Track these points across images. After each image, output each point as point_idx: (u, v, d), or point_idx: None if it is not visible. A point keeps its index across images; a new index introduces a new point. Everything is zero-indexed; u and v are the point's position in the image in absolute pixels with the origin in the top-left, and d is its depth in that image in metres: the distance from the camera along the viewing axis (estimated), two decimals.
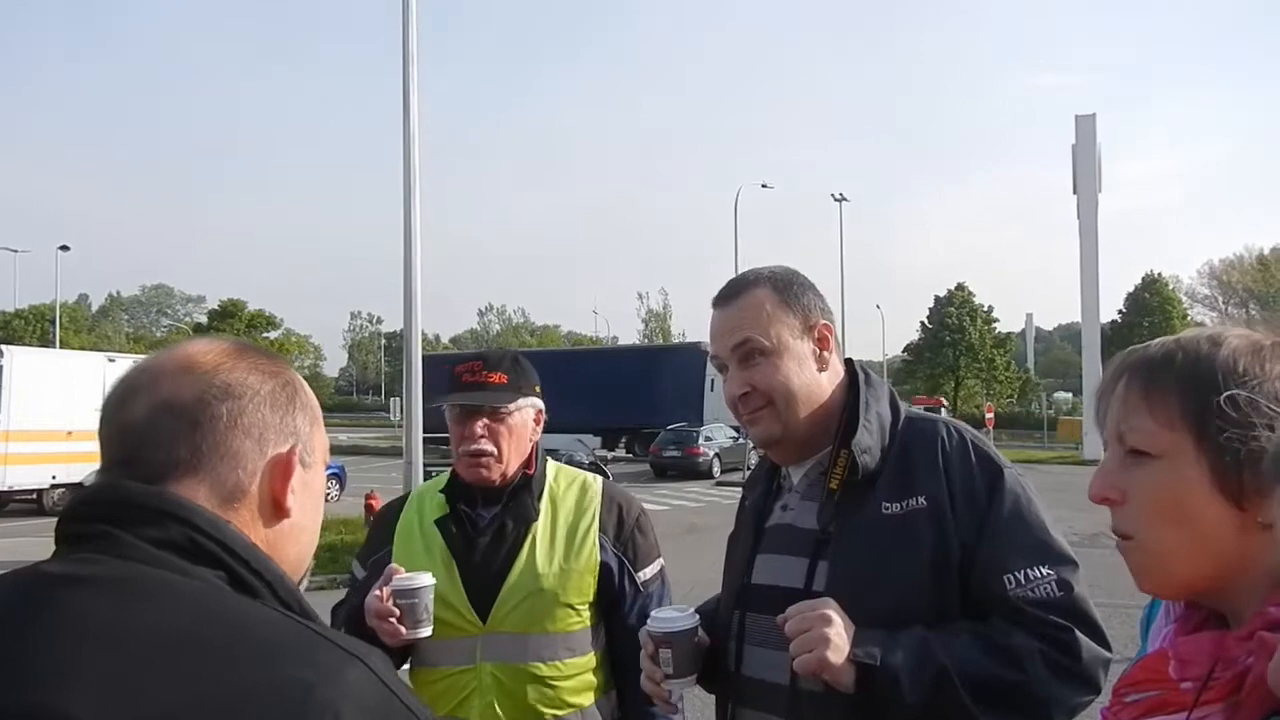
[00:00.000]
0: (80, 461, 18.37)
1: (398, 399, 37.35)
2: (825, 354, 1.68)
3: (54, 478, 18.62)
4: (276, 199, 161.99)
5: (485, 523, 2.11)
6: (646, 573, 2.19)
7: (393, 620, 1.84)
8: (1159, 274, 66.58)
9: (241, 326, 68.05)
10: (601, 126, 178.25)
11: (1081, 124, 39.03)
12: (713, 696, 1.76)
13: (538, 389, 2.20)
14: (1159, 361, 1.03)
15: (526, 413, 2.17)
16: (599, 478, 2.28)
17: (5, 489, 18.05)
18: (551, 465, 2.25)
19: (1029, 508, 1.57)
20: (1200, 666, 0.94)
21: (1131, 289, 65.69)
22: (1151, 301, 63.23)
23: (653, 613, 1.68)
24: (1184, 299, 68.86)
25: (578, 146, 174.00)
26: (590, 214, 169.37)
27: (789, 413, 1.64)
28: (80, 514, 0.91)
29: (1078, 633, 1.47)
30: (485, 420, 2.10)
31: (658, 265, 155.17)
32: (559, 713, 2.04)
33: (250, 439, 0.95)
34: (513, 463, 2.13)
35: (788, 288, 1.68)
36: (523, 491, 2.14)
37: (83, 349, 35.95)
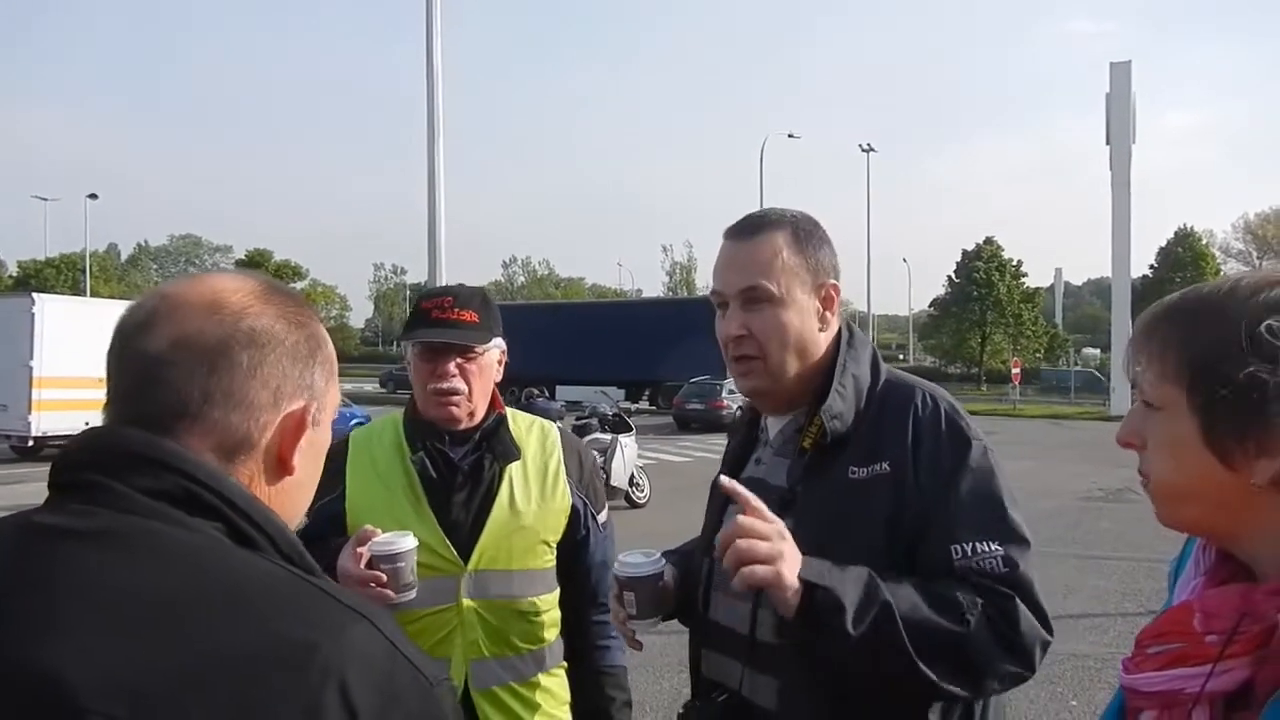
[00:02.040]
0: (93, 409, 18.71)
1: None
2: (828, 314, 1.65)
3: (86, 424, 18.41)
4: (304, 151, 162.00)
5: (459, 460, 2.08)
6: (602, 516, 2.26)
7: (376, 585, 1.78)
8: (1192, 228, 65.54)
9: (269, 275, 68.42)
10: (629, 78, 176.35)
11: (1116, 72, 38.11)
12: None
13: (499, 330, 2.15)
14: (1168, 313, 1.03)
15: (494, 353, 2.13)
16: (553, 424, 2.30)
17: (39, 435, 18.34)
18: (508, 410, 2.21)
19: (990, 483, 1.53)
20: (1226, 620, 0.93)
21: (1164, 243, 64.72)
22: (1184, 256, 62.32)
23: (620, 557, 1.73)
24: (1218, 254, 67.89)
25: (604, 98, 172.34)
26: (616, 166, 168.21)
27: (781, 367, 1.61)
28: (74, 461, 0.87)
29: (1018, 601, 1.44)
30: (457, 359, 2.06)
31: (683, 218, 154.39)
32: (534, 646, 2.08)
33: (267, 390, 0.91)
34: (479, 403, 2.11)
35: (808, 238, 1.64)
36: (500, 430, 2.13)
37: (112, 298, 36.28)
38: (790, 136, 49.03)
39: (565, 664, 2.18)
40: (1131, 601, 8.02)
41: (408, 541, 1.82)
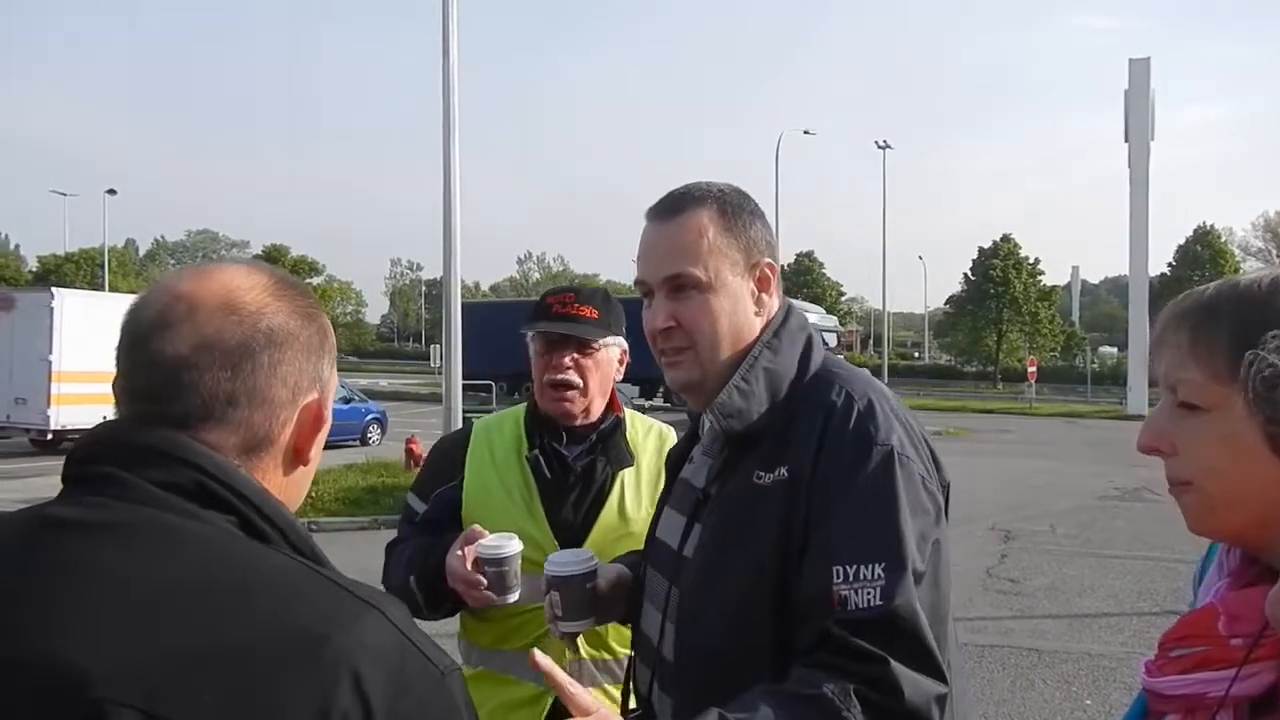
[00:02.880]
0: (111, 402, 18.81)
1: (438, 346, 37.65)
2: (764, 296, 1.50)
3: (104, 418, 18.83)
4: (320, 147, 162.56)
5: (573, 460, 2.08)
6: None
7: (480, 589, 1.79)
8: (1211, 225, 65.02)
9: (285, 271, 68.69)
10: (646, 73, 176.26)
11: (1135, 68, 37.84)
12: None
13: (622, 329, 2.15)
14: (1208, 307, 0.98)
15: (613, 351, 2.13)
16: (671, 429, 2.24)
17: (58, 428, 18.49)
18: (627, 412, 2.22)
19: (887, 496, 1.32)
20: (1251, 623, 0.91)
21: (1182, 241, 64.25)
22: (1203, 254, 61.85)
23: (549, 557, 1.69)
24: (1237, 251, 67.28)
25: (620, 94, 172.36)
26: (632, 162, 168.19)
27: (711, 358, 1.46)
28: (88, 455, 0.88)
29: (892, 666, 1.22)
30: (574, 353, 2.06)
31: None
32: (630, 651, 2.06)
33: (286, 388, 0.93)
34: (596, 400, 2.11)
35: (736, 214, 1.48)
36: (615, 434, 2.13)
37: (131, 293, 36.49)
38: (806, 133, 48.73)
39: None
40: (1147, 601, 7.97)
41: (513, 546, 1.81)
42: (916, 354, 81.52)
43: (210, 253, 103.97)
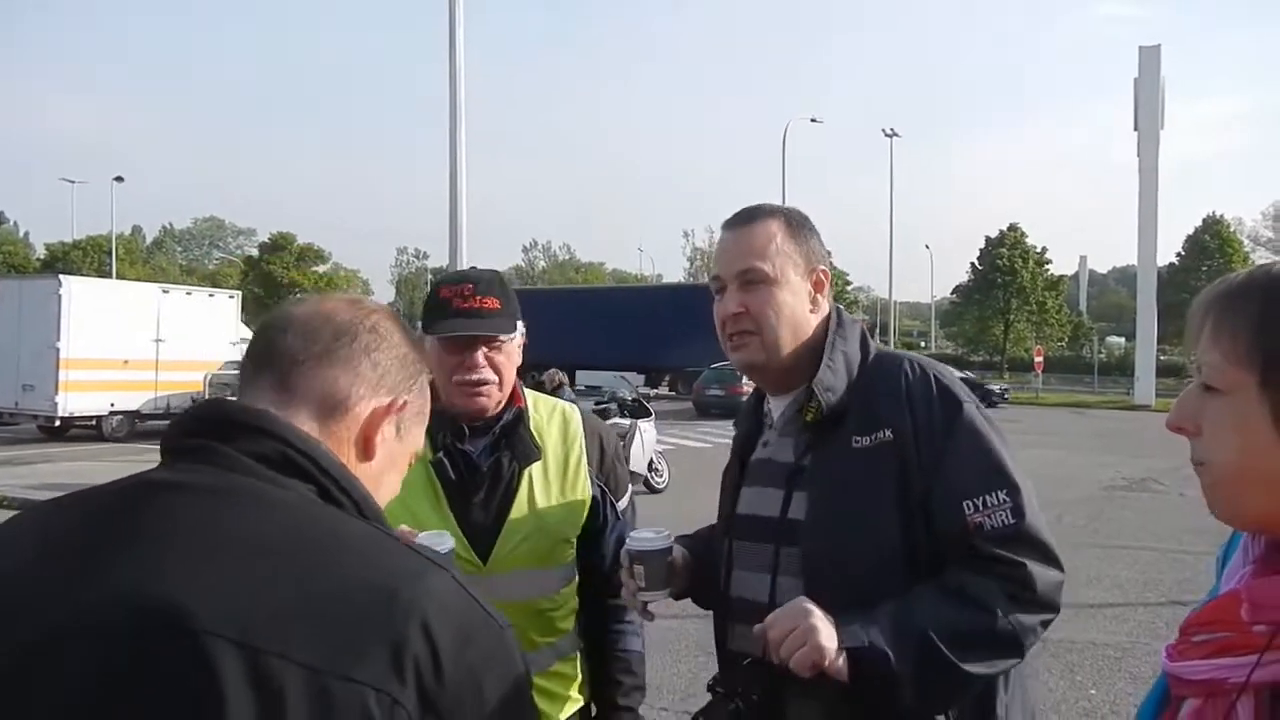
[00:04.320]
0: (137, 389, 18.80)
1: None
2: (819, 297, 1.77)
3: (112, 405, 19.12)
4: (326, 135, 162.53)
5: (477, 458, 2.02)
6: (623, 502, 2.21)
7: None
8: (1220, 215, 64.67)
9: (291, 260, 68.73)
10: (648, 61, 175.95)
11: (1145, 56, 37.68)
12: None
13: (519, 312, 2.09)
14: (1238, 291, 0.99)
15: (517, 339, 2.07)
16: (575, 408, 2.23)
17: (66, 415, 18.58)
18: (528, 394, 2.15)
19: (985, 438, 1.64)
20: (1275, 611, 0.91)
21: (1191, 231, 63.97)
22: (1211, 244, 61.42)
23: (630, 534, 1.83)
24: (1246, 242, 66.93)
25: (626, 82, 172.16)
26: (637, 151, 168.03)
27: (774, 342, 1.71)
28: (185, 429, 0.99)
29: (1029, 566, 1.55)
30: (484, 349, 1.99)
31: (705, 203, 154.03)
32: (551, 640, 2.07)
33: (373, 372, 1.05)
34: (505, 392, 2.05)
35: (799, 227, 1.77)
36: (518, 426, 2.06)
37: (138, 280, 36.62)
38: (813, 121, 48.79)
39: (582, 645, 2.17)
40: (1153, 591, 7.97)
41: (446, 543, 1.80)
42: (923, 343, 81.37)
43: (216, 240, 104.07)
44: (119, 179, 51.28)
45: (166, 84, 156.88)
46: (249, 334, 24.05)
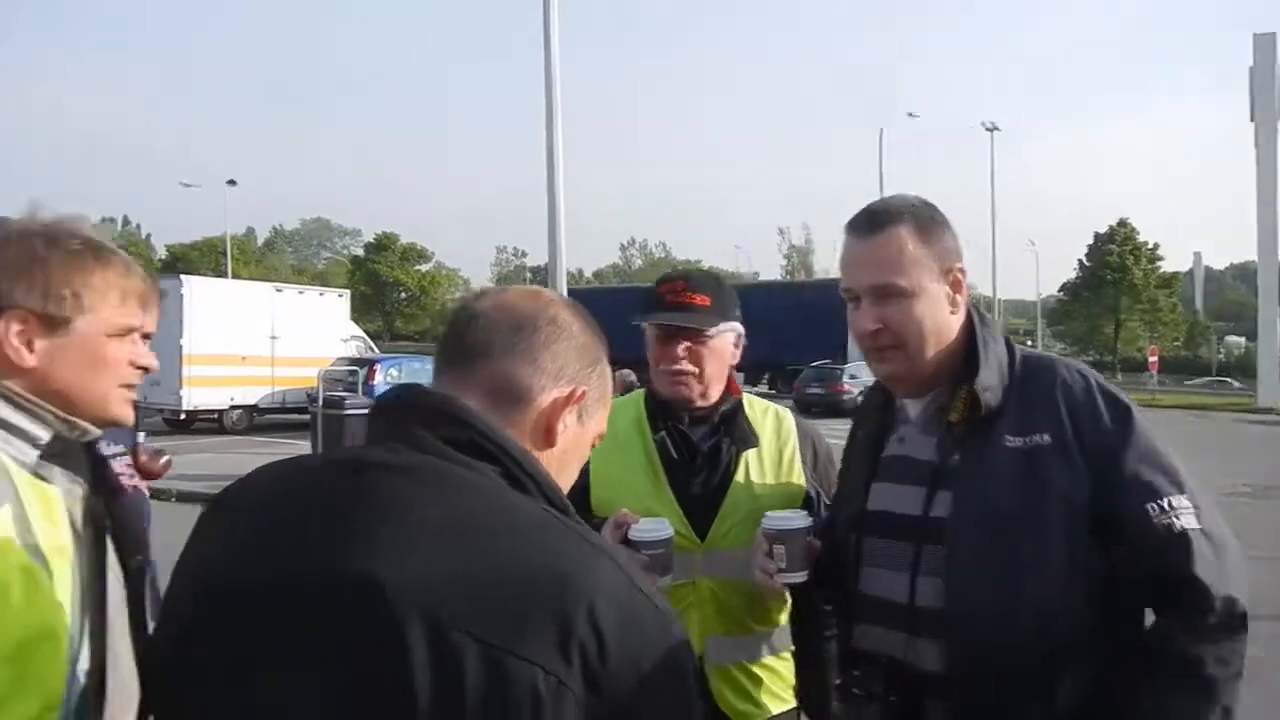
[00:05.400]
0: (254, 384, 19.49)
1: None
2: (957, 296, 1.70)
3: (232, 399, 19.91)
4: (428, 135, 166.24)
5: (698, 440, 2.13)
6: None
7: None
8: None
9: (395, 259, 70.43)
10: (745, 58, 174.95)
11: (1259, 44, 35.83)
12: None
13: (737, 313, 2.19)
14: None
15: (727, 337, 2.16)
16: (787, 410, 2.29)
17: (190, 409, 19.37)
18: (744, 394, 2.25)
19: (1151, 440, 1.61)
20: None
21: None
22: None
23: (767, 514, 1.82)
24: None
25: (722, 77, 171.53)
26: (733, 148, 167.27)
27: (918, 354, 1.67)
28: (388, 413, 1.07)
29: (1214, 598, 1.50)
30: (687, 343, 2.10)
31: (800, 200, 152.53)
32: (764, 627, 2.12)
33: (554, 363, 1.09)
34: (713, 385, 2.14)
35: (929, 227, 1.68)
36: (738, 415, 2.17)
37: (252, 279, 37.98)
38: (910, 116, 47.79)
39: (793, 648, 2.20)
40: None
41: (666, 530, 1.86)
42: (1029, 342, 78.95)
43: (324, 240, 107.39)
44: (232, 183, 53.26)
45: (274, 90, 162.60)
46: (358, 331, 24.82)
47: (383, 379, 19.79)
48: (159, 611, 1.14)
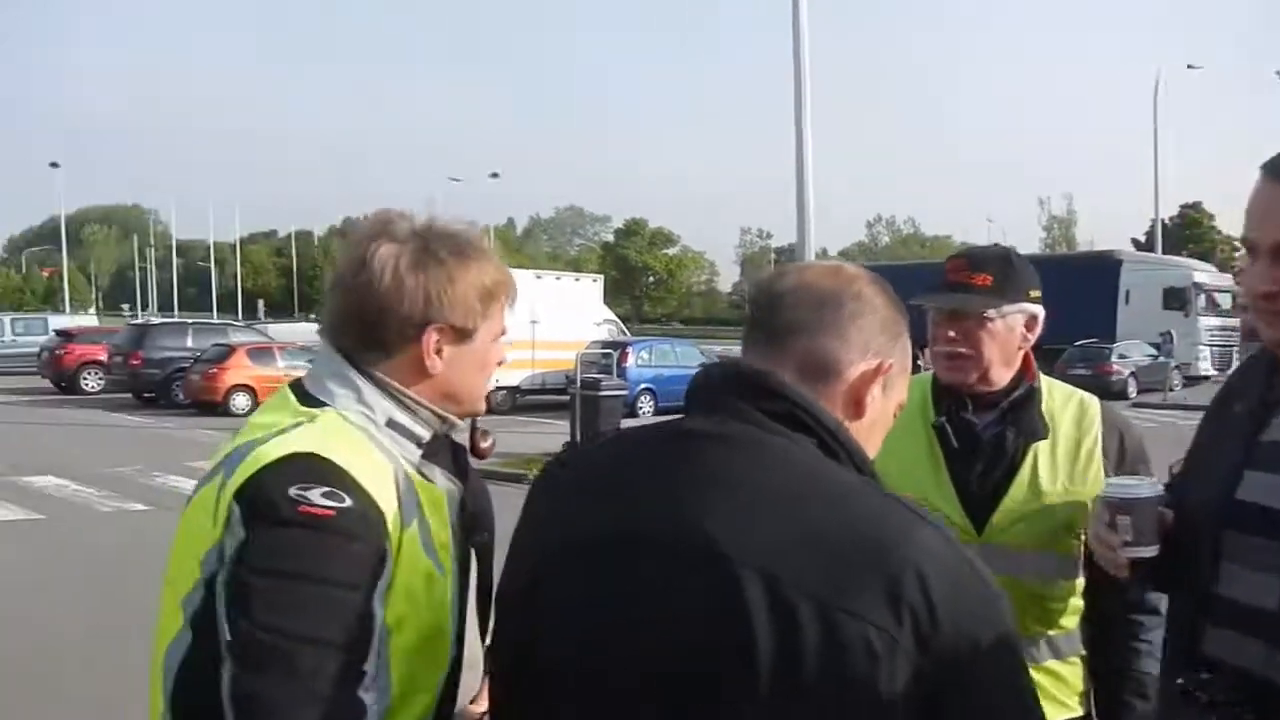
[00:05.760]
0: (517, 368, 20.65)
1: None
2: None
3: (497, 382, 21.22)
4: (671, 121, 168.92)
5: (981, 430, 2.01)
6: None
7: (1117, 546, 1.58)
8: None
9: (644, 243, 72.16)
10: (995, 15, 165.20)
11: None
12: None
13: (1031, 293, 2.03)
14: None
15: (1013, 319, 2.00)
16: (1095, 398, 2.12)
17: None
18: (1043, 379, 2.09)
19: None
20: None
21: None
22: None
23: (1108, 480, 1.67)
24: None
25: (969, 39, 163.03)
26: (985, 114, 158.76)
27: None
28: (710, 385, 1.13)
29: None
30: (963, 324, 1.98)
31: (1061, 167, 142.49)
32: (1048, 631, 2.01)
33: (859, 337, 1.12)
34: (996, 369, 2.01)
35: None
36: (1027, 403, 2.02)
37: (512, 268, 40.13)
38: (1190, 68, 43.31)
39: (1083, 653, 2.07)
40: None
41: (1150, 487, 1.62)
42: None
43: (577, 228, 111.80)
44: (494, 175, 56.63)
45: (527, 85, 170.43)
46: (611, 315, 25.73)
47: (634, 361, 20.49)
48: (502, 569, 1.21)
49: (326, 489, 1.16)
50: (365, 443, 1.25)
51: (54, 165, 57.13)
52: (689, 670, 0.96)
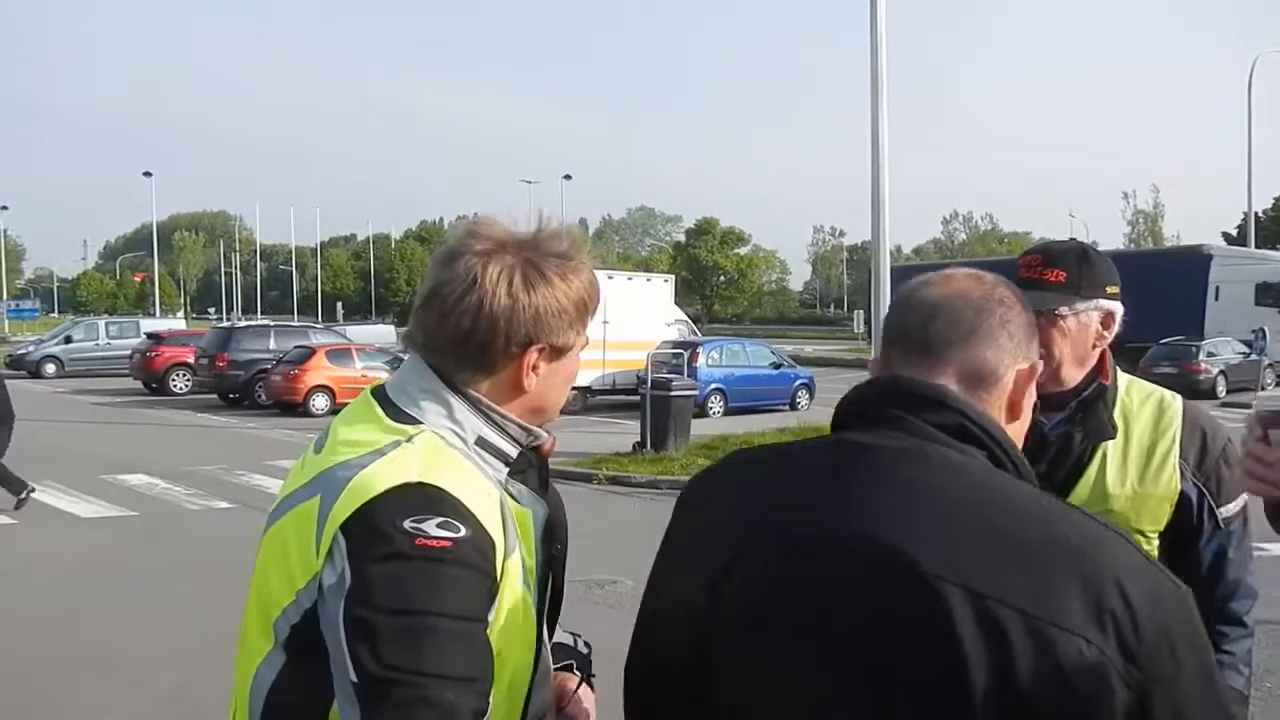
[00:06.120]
0: (588, 368, 20.68)
1: (861, 311, 37.57)
2: None
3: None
4: (744, 118, 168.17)
5: (1049, 430, 1.95)
6: (1229, 509, 1.95)
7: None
8: None
9: (715, 243, 71.93)
10: (1075, 20, 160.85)
11: None
12: None
13: (1109, 289, 1.97)
14: None
15: (1088, 316, 1.95)
16: (1178, 397, 2.06)
17: None
18: (1123, 378, 2.04)
19: None
20: None
21: None
22: None
23: (1258, 396, 1.61)
24: None
25: (1048, 25, 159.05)
26: (1065, 106, 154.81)
27: None
28: (872, 399, 1.13)
29: None
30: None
31: (1148, 159, 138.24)
32: None
33: (1010, 342, 1.13)
34: (1068, 368, 1.95)
35: None
36: (1096, 403, 1.97)
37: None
38: None
39: None
40: None
41: None
42: None
43: (648, 228, 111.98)
44: (567, 177, 57.15)
45: (597, 90, 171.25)
46: (681, 315, 25.72)
47: (705, 361, 20.43)
48: (658, 573, 1.19)
49: (441, 519, 1.12)
50: (468, 465, 1.22)
51: (147, 174, 59.06)
52: (891, 686, 0.95)
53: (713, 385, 20.26)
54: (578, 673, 1.45)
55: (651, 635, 1.16)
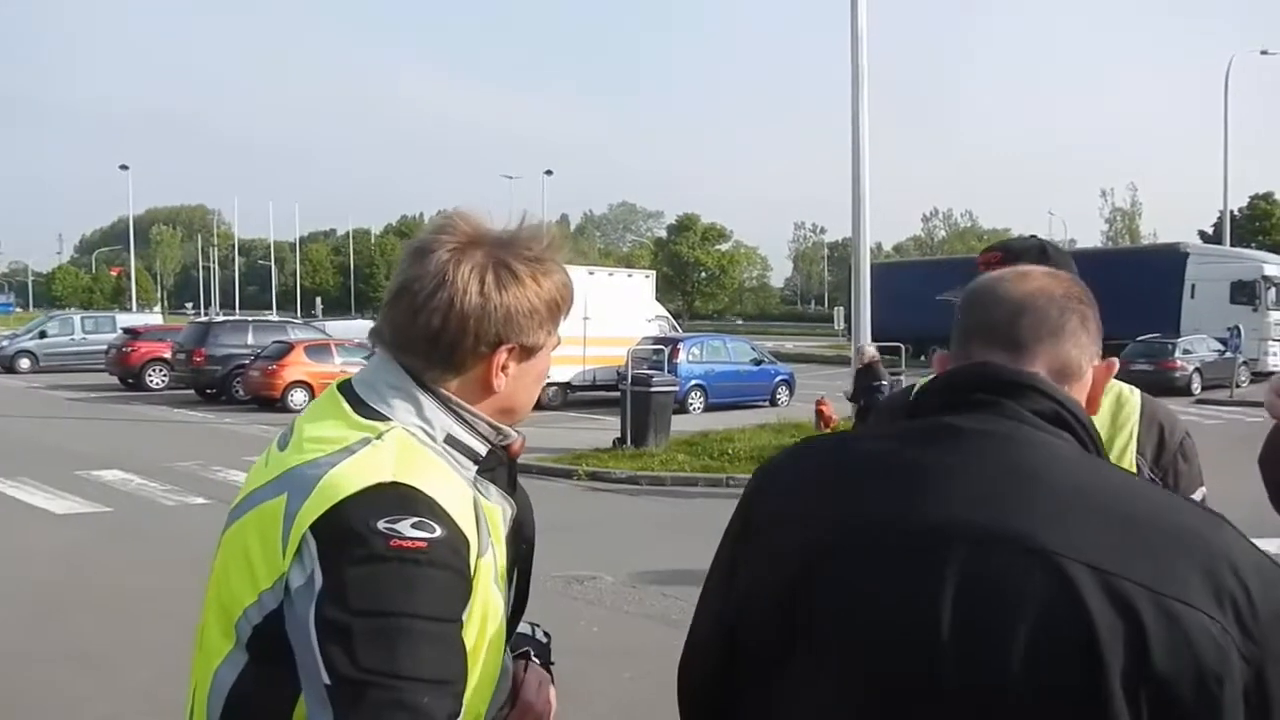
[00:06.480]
0: (568, 364, 20.78)
1: (841, 308, 37.72)
2: None
3: (547, 377, 21.25)
4: (724, 116, 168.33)
5: None
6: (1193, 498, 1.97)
7: None
8: None
9: (696, 239, 71.99)
10: (1055, 19, 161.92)
11: None
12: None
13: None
14: None
15: None
16: (1136, 390, 2.09)
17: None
18: None
19: None
20: None
21: None
22: None
23: None
24: None
25: (1025, 25, 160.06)
26: (1044, 103, 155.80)
27: None
28: (964, 385, 1.14)
29: None
30: None
31: (1125, 158, 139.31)
32: None
33: (1088, 339, 1.17)
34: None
35: None
36: None
37: (566, 264, 40.36)
38: (1263, 54, 42.02)
39: None
40: None
41: None
42: None
43: (629, 224, 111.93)
44: (548, 172, 57.02)
45: (577, 82, 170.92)
46: (662, 310, 25.69)
47: (685, 357, 20.42)
48: (740, 564, 1.16)
49: (416, 519, 1.10)
50: (442, 464, 1.20)
51: (123, 167, 58.40)
52: (1025, 668, 0.94)
53: (693, 381, 20.26)
54: (537, 659, 1.44)
55: (745, 618, 1.13)
